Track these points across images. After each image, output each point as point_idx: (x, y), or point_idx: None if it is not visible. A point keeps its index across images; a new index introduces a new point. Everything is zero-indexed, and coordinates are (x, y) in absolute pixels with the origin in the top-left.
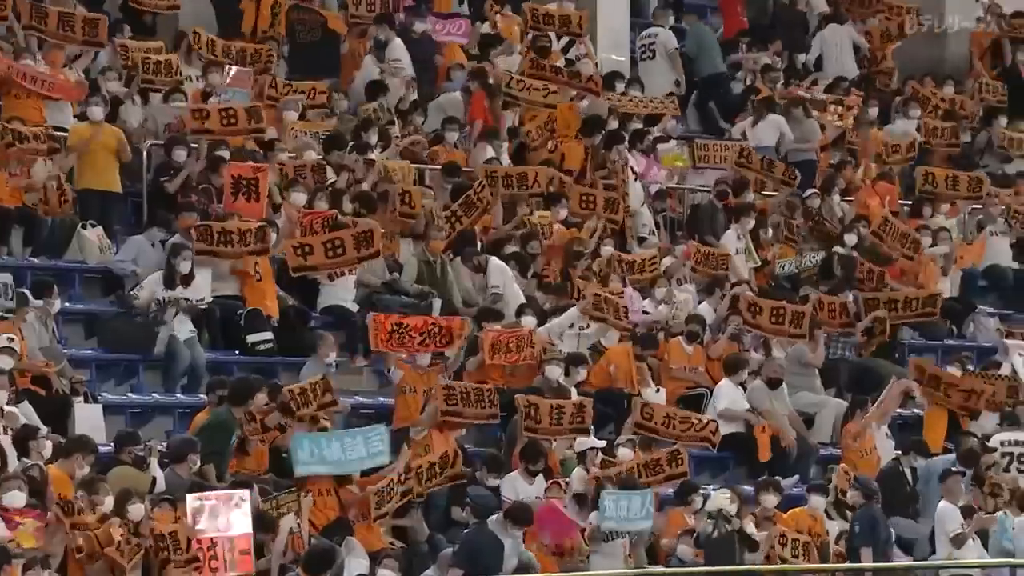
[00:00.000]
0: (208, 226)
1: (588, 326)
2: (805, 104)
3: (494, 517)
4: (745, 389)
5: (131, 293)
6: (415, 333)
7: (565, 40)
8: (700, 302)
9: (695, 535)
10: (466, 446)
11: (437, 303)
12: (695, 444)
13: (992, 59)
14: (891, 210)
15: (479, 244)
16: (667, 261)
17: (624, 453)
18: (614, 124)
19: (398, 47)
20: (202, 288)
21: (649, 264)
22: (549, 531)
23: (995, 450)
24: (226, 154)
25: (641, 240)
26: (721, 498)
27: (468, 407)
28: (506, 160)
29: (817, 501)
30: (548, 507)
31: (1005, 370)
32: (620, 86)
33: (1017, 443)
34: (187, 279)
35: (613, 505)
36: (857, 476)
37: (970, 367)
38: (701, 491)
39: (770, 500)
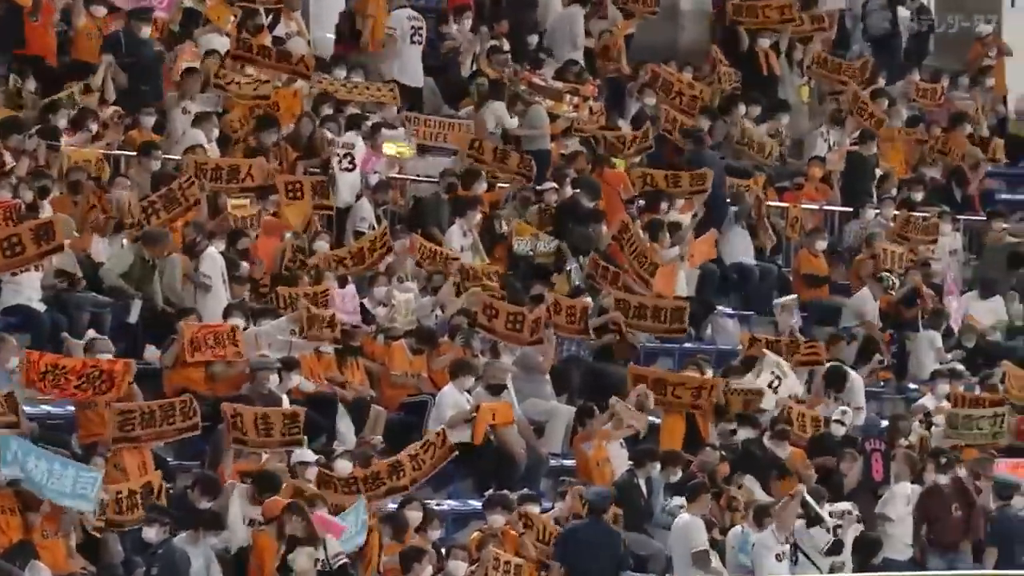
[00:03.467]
0: None
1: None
2: (521, 95)
3: (182, 534)
4: (471, 395)
5: None
6: (72, 376)
7: (271, 17)
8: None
9: None
10: (168, 459)
11: (137, 304)
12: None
13: (727, 45)
14: (626, 197)
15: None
16: (387, 258)
17: (342, 466)
18: (328, 110)
19: None
20: None
21: (380, 246)
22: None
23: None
24: None
25: (358, 235)
26: None
27: (152, 427)
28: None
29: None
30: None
31: (747, 382)
32: (340, 72)
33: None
34: None
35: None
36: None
37: (708, 371)
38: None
39: (497, 519)
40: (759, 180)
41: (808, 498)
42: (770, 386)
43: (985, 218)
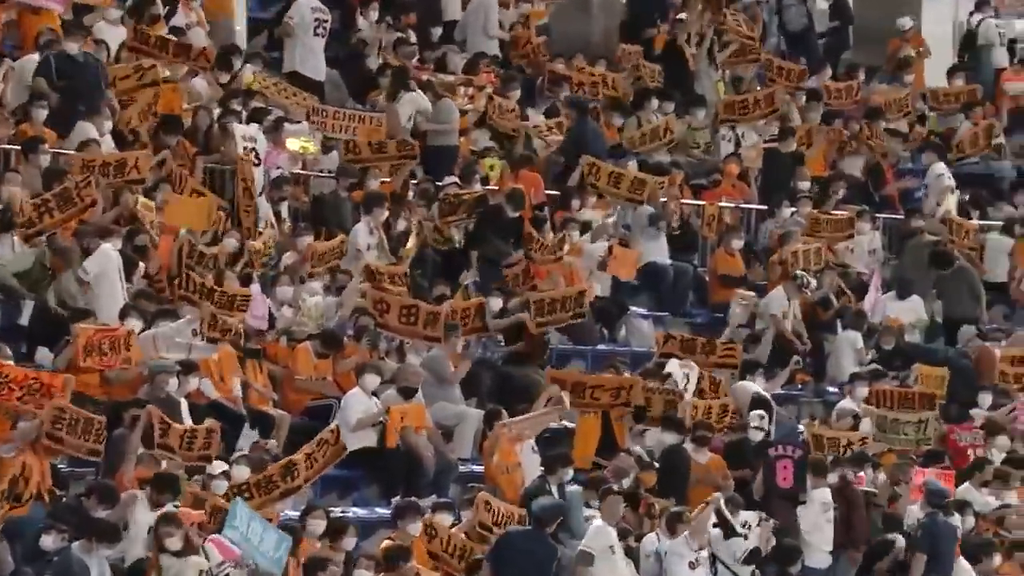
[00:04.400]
0: None
1: (198, 332)
2: (433, 86)
3: (76, 543)
4: (379, 397)
5: None
6: (15, 386)
7: (168, 7)
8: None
9: None
10: (61, 465)
11: (28, 305)
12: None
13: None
14: (537, 202)
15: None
16: (289, 257)
17: (240, 471)
18: (236, 105)
19: None
20: None
21: (266, 248)
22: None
23: (653, 467)
24: None
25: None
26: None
27: (73, 436)
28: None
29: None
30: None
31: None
32: (237, 63)
33: None
34: None
35: (246, 521)
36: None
37: (626, 373)
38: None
39: (413, 527)
40: (675, 178)
41: (723, 508)
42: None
43: (904, 216)
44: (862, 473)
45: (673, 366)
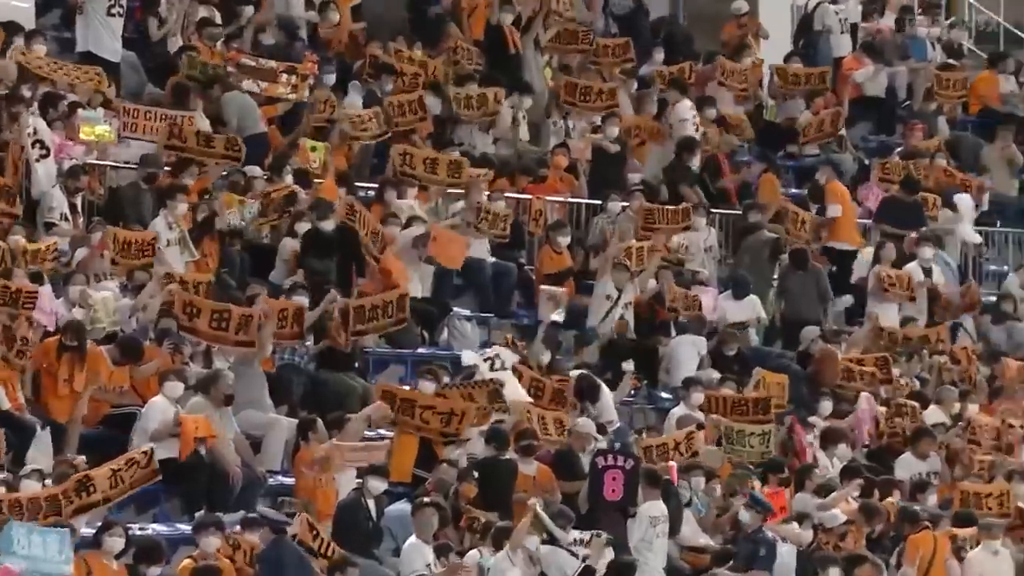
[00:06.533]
0: None
1: None
2: (220, 75)
3: None
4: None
5: None
6: None
7: None
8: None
9: None
10: None
11: None
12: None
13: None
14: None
15: None
16: (81, 253)
17: (29, 485)
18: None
19: None
20: None
21: (49, 253)
22: None
23: (474, 478)
24: None
25: (49, 227)
26: None
27: None
28: None
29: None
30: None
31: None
32: (19, 40)
33: None
34: None
35: (25, 539)
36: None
37: (445, 378)
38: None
39: (210, 543)
40: (481, 174)
41: (542, 514)
42: (486, 362)
43: (741, 211)
44: (672, 463)
45: (469, 357)
